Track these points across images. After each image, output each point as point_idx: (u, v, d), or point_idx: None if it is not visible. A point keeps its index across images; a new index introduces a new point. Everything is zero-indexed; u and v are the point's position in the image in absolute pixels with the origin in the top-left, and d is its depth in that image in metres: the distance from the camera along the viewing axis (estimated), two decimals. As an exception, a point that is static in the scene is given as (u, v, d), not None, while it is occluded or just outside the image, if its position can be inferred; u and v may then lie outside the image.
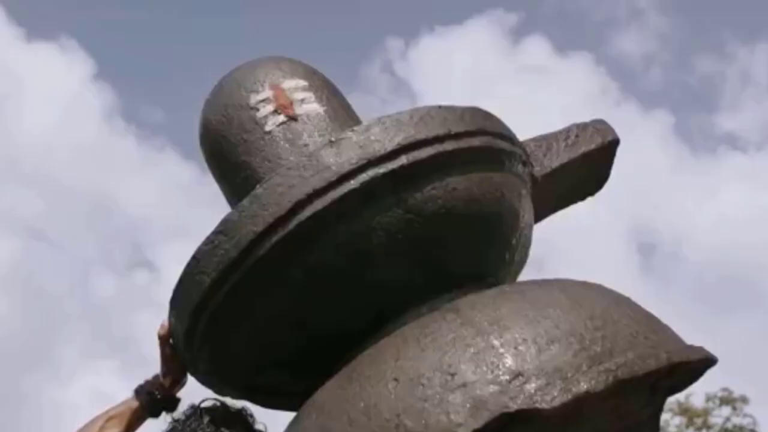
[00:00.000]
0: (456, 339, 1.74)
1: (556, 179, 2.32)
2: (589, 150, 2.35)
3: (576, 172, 2.36)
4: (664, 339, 1.85)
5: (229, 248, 1.90)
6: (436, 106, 2.01)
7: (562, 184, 2.36)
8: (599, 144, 2.36)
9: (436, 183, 1.93)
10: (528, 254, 2.23)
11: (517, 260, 2.16)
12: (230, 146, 2.23)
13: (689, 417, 17.38)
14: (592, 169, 2.41)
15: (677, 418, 17.52)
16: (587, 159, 2.36)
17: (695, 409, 17.39)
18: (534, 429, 1.71)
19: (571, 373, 1.67)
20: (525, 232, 2.17)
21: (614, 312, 1.83)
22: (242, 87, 2.27)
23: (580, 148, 2.34)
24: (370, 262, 1.91)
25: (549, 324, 1.75)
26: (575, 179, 2.40)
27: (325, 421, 1.79)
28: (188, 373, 2.18)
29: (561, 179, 2.33)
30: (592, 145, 2.35)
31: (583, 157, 2.35)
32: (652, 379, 1.77)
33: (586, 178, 2.43)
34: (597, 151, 2.37)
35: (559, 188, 2.36)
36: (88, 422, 2.14)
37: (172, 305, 2.06)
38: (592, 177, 2.45)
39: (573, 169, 2.35)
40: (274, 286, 1.91)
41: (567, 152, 2.32)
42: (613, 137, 2.38)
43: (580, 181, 2.43)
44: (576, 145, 2.34)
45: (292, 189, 1.88)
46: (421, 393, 1.69)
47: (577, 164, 2.34)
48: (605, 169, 2.44)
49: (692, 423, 17.39)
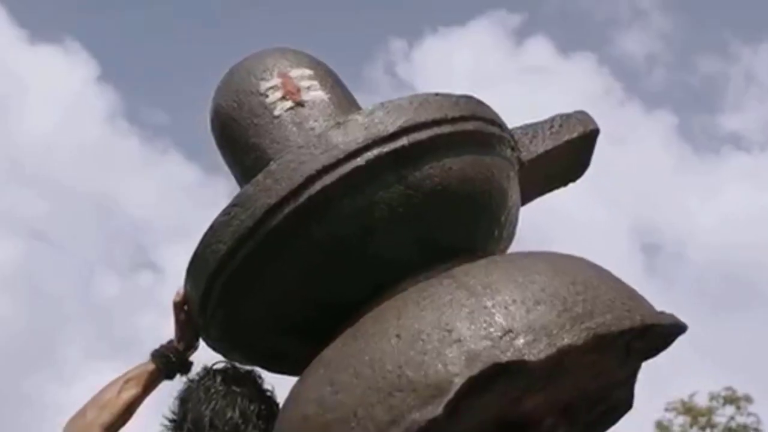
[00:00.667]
0: (452, 300, 1.93)
1: (540, 165, 2.51)
2: (572, 138, 2.54)
3: (559, 159, 2.56)
4: (640, 305, 2.04)
5: (245, 219, 2.08)
6: (434, 93, 2.20)
7: (547, 170, 2.55)
8: (581, 133, 2.56)
9: (433, 162, 2.12)
10: (515, 232, 2.42)
11: (505, 237, 2.35)
12: (241, 129, 2.41)
13: (693, 416, 17.57)
14: (574, 156, 2.61)
15: (681, 417, 17.71)
16: (570, 146, 2.55)
17: (699, 408, 17.60)
18: (522, 380, 1.90)
19: (556, 331, 1.87)
20: (512, 211, 2.36)
21: (594, 280, 2.03)
22: (252, 75, 2.45)
23: (563, 136, 2.54)
24: (372, 234, 2.09)
25: (536, 288, 1.94)
26: (558, 166, 2.59)
27: (332, 374, 1.97)
28: (200, 338, 2.36)
29: (545, 165, 2.53)
30: (575, 134, 2.55)
31: (566, 145, 2.54)
32: (627, 338, 1.96)
33: (568, 165, 2.63)
34: (579, 139, 2.56)
35: (543, 173, 2.56)
36: (108, 384, 2.31)
37: (189, 273, 2.23)
38: (574, 164, 2.64)
39: (556, 155, 2.54)
40: (285, 254, 2.09)
41: (551, 140, 2.52)
42: (594, 127, 2.58)
43: (563, 167, 2.62)
44: (559, 134, 2.54)
45: (302, 165, 2.06)
46: (421, 347, 1.87)
47: (560, 151, 2.54)
48: (586, 156, 2.64)
49: (696, 422, 17.57)
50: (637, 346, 2.05)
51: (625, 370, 2.18)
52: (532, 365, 1.83)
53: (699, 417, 17.55)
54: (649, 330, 1.99)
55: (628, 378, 2.26)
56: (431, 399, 1.81)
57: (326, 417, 1.93)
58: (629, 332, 1.94)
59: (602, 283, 2.03)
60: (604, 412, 2.37)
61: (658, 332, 2.04)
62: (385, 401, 1.85)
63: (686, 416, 17.65)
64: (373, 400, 1.86)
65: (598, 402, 2.29)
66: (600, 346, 1.91)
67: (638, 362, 2.19)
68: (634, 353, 2.09)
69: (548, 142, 2.52)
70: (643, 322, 1.96)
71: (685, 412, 17.63)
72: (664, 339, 2.10)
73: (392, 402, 1.84)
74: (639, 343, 2.04)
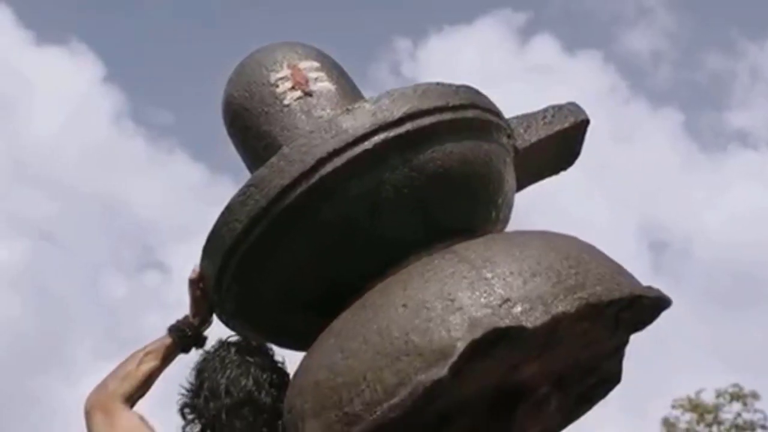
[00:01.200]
0: (454, 273, 2.08)
1: (534, 153, 2.66)
2: (563, 128, 2.70)
3: (552, 148, 2.71)
4: (628, 279, 2.20)
5: (259, 198, 2.22)
6: (435, 83, 2.35)
7: (540, 158, 2.70)
8: (572, 123, 2.72)
9: (435, 147, 2.27)
10: (510, 215, 2.57)
11: (501, 219, 2.50)
12: (252, 118, 2.55)
13: (700, 413, 17.59)
14: (565, 145, 2.76)
15: (688, 414, 17.73)
16: (562, 136, 2.71)
17: (706, 405, 17.64)
18: (519, 347, 2.05)
19: (551, 300, 2.02)
20: (508, 195, 2.51)
21: (586, 256, 2.18)
22: (263, 66, 2.60)
23: (555, 126, 2.69)
24: (379, 213, 2.24)
25: (532, 261, 2.09)
26: (551, 154, 2.74)
27: (342, 342, 2.11)
28: (214, 313, 2.49)
29: (539, 153, 2.68)
30: (566, 124, 2.70)
31: (558, 134, 2.69)
32: (615, 308, 2.12)
33: (560, 153, 2.78)
34: (570, 129, 2.72)
35: (537, 161, 2.71)
36: (128, 358, 2.44)
37: (205, 251, 2.37)
38: (565, 152, 2.80)
39: (549, 144, 2.69)
40: (297, 232, 2.23)
41: (544, 129, 2.67)
42: (584, 117, 2.74)
43: (555, 156, 2.78)
44: (552, 123, 2.69)
45: (314, 148, 2.21)
46: (426, 315, 2.02)
47: (552, 140, 2.69)
48: (577, 145, 2.80)
49: (703, 419, 17.61)
50: (626, 317, 2.20)
51: (614, 341, 2.33)
52: (529, 331, 1.98)
53: (706, 414, 17.58)
54: (637, 301, 2.15)
55: (617, 349, 2.42)
56: (436, 362, 1.96)
57: (337, 381, 2.07)
58: (618, 302, 2.09)
59: (593, 258, 2.18)
60: (594, 384, 2.53)
61: (645, 304, 2.19)
62: (393, 365, 2.00)
63: (693, 413, 17.68)
64: (382, 364, 2.01)
65: (589, 373, 2.45)
66: (591, 314, 2.07)
67: (626, 334, 2.34)
68: (623, 324, 2.24)
69: (541, 131, 2.67)
70: (631, 293, 2.11)
71: (691, 409, 17.66)
72: (650, 311, 2.25)
73: (399, 366, 1.99)
74: (627, 314, 2.19)
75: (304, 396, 2.15)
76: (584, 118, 2.74)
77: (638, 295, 2.13)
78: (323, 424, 2.07)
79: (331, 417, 2.06)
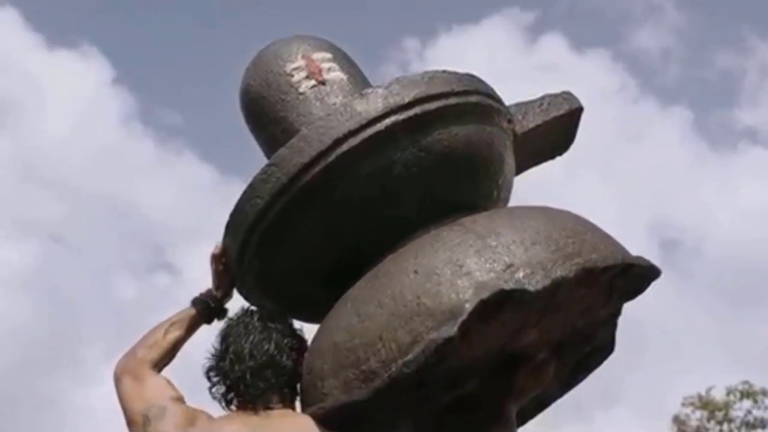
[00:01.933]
0: (462, 242, 2.26)
1: (531, 138, 2.85)
2: (559, 114, 2.89)
3: (548, 133, 2.90)
4: (621, 249, 2.39)
5: (280, 176, 2.41)
6: (441, 70, 2.54)
7: (537, 142, 2.89)
8: (567, 110, 2.91)
9: (441, 129, 2.46)
10: (509, 196, 2.75)
11: (501, 198, 2.68)
12: (270, 105, 2.74)
13: (710, 411, 17.54)
14: (561, 131, 2.95)
15: (698, 411, 17.65)
16: (557, 122, 2.90)
17: (716, 403, 17.58)
18: (521, 310, 2.24)
19: (550, 265, 2.20)
20: (508, 175, 2.70)
21: (582, 228, 2.37)
22: (279, 57, 2.78)
23: (551, 113, 2.89)
24: (390, 190, 2.42)
25: (532, 232, 2.28)
26: (547, 139, 2.93)
27: (358, 307, 2.29)
28: (235, 287, 2.67)
29: (536, 138, 2.87)
30: (561, 111, 2.90)
31: (554, 121, 2.89)
32: (610, 274, 2.30)
33: (556, 139, 2.97)
34: (565, 116, 2.91)
35: (534, 146, 2.90)
36: (154, 327, 2.61)
37: (228, 227, 2.55)
38: (561, 138, 2.99)
39: (545, 130, 2.88)
40: (315, 207, 2.41)
41: (541, 116, 2.87)
42: (578, 105, 2.93)
43: (551, 141, 2.97)
44: (548, 111, 2.89)
45: (331, 130, 2.39)
46: (436, 280, 2.20)
47: (548, 126, 2.88)
48: (572, 132, 2.99)
49: (713, 416, 17.55)
50: (619, 284, 2.39)
51: (609, 309, 2.52)
52: (531, 294, 2.17)
53: (716, 411, 17.53)
54: (629, 269, 2.34)
55: (611, 318, 2.60)
56: (447, 321, 2.14)
57: (354, 342, 2.25)
58: (612, 269, 2.28)
59: (588, 230, 2.37)
60: (590, 352, 2.71)
61: (637, 272, 2.38)
62: (407, 325, 2.18)
63: (703, 411, 17.64)
64: (396, 325, 2.19)
65: (585, 341, 2.64)
66: (587, 280, 2.25)
67: (620, 302, 2.53)
68: (616, 292, 2.43)
69: (538, 117, 2.86)
70: (624, 261, 2.30)
71: (702, 407, 17.62)
72: (641, 280, 2.43)
73: (413, 326, 2.17)
74: (620, 282, 2.38)
75: (323, 357, 2.33)
76: (578, 106, 2.93)
77: (630, 263, 2.31)
78: (342, 381, 2.25)
79: (349, 375, 2.24)
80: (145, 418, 2.40)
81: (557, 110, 2.90)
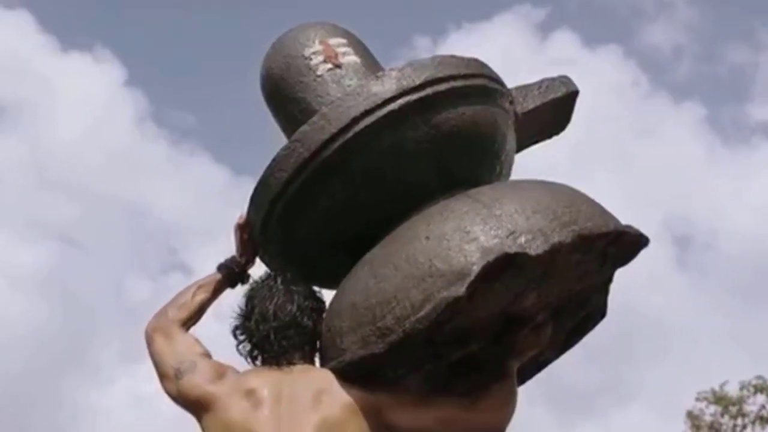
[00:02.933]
0: (469, 211, 2.49)
1: (531, 118, 3.08)
2: (557, 97, 3.11)
3: (546, 114, 3.13)
4: (613, 219, 2.61)
5: (302, 151, 2.62)
6: (450, 55, 2.76)
7: (536, 123, 3.11)
8: (564, 93, 3.13)
9: (450, 109, 2.68)
10: (510, 171, 2.98)
11: (504, 173, 2.91)
12: (289, 87, 2.95)
13: (724, 405, 17.70)
14: (558, 112, 3.18)
15: (712, 407, 17.82)
16: (554, 104, 3.12)
17: (730, 398, 17.76)
18: (523, 274, 2.46)
19: (549, 232, 2.43)
20: (510, 153, 2.92)
21: (578, 200, 2.59)
22: (297, 42, 3.00)
23: (549, 95, 3.11)
24: (403, 164, 2.64)
25: (533, 202, 2.50)
26: (545, 120, 3.16)
27: (375, 269, 2.51)
28: (257, 255, 2.89)
29: (535, 118, 3.09)
30: (559, 93, 3.12)
31: (552, 102, 3.11)
32: (603, 241, 2.53)
33: (553, 119, 3.20)
34: (562, 98, 3.13)
35: (533, 126, 3.12)
36: (183, 290, 2.83)
37: (252, 199, 2.76)
38: (558, 119, 3.21)
39: (544, 111, 3.11)
40: (335, 179, 2.63)
41: (540, 98, 3.09)
42: (574, 88, 3.16)
43: (549, 121, 3.19)
44: (546, 93, 3.11)
45: (349, 109, 2.61)
46: (446, 245, 2.43)
47: (547, 107, 3.11)
48: (568, 113, 3.21)
49: (727, 411, 17.73)
50: (611, 251, 2.62)
51: (602, 275, 2.75)
52: (532, 258, 2.39)
53: (730, 406, 17.72)
54: (621, 237, 2.56)
55: (605, 284, 2.83)
56: (456, 282, 2.36)
57: (371, 301, 2.47)
58: (605, 236, 2.51)
59: (584, 201, 2.60)
60: (584, 317, 2.94)
61: (627, 240, 2.61)
62: (419, 285, 2.40)
63: (717, 406, 17.81)
64: (410, 285, 2.42)
65: (580, 306, 2.86)
66: (583, 246, 2.48)
67: (612, 269, 2.75)
68: (609, 258, 2.65)
69: (537, 99, 3.09)
70: (616, 229, 2.53)
71: (715, 402, 17.80)
72: (631, 247, 2.66)
73: (425, 286, 2.40)
74: (613, 249, 2.60)
75: (341, 316, 2.55)
76: (574, 89, 3.16)
77: (621, 231, 2.54)
78: (359, 337, 2.48)
79: (366, 331, 2.46)
80: (177, 372, 2.62)
81: (555, 93, 3.12)
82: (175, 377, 2.62)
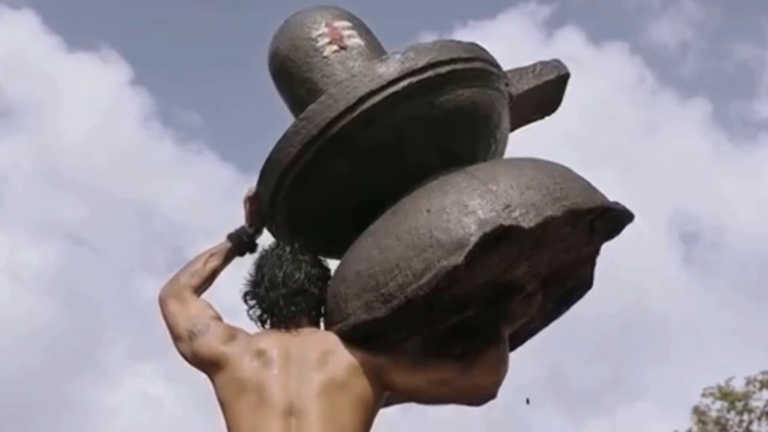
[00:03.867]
0: (467, 186, 2.66)
1: (525, 100, 3.25)
2: (549, 79, 3.29)
3: (539, 96, 3.30)
4: (601, 195, 2.79)
5: (311, 128, 2.79)
6: (449, 40, 2.93)
7: (530, 104, 3.29)
8: (556, 75, 3.31)
9: (450, 90, 2.85)
10: (505, 150, 3.16)
11: (498, 152, 3.08)
12: (296, 67, 3.11)
13: (730, 401, 17.65)
14: (550, 94, 3.35)
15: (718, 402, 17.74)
16: (547, 86, 3.30)
17: (736, 393, 17.68)
18: (516, 244, 2.64)
19: (541, 206, 2.60)
20: (504, 132, 3.10)
21: (568, 176, 2.77)
22: (304, 24, 3.16)
23: (542, 77, 3.28)
24: (405, 142, 2.82)
25: (527, 178, 2.67)
26: (539, 101, 3.33)
27: (378, 240, 2.69)
28: (265, 226, 3.06)
29: (529, 100, 3.27)
30: (551, 76, 3.30)
31: (545, 85, 3.28)
32: (591, 216, 2.71)
33: (546, 101, 3.37)
34: (555, 80, 3.31)
35: (527, 107, 3.29)
36: (195, 258, 3.00)
37: (262, 174, 2.93)
38: (550, 101, 3.39)
39: (537, 93, 3.28)
40: (341, 157, 2.80)
41: (533, 80, 3.26)
42: (566, 71, 3.33)
43: (542, 103, 3.37)
44: (540, 76, 3.28)
45: (355, 89, 2.78)
46: (446, 217, 2.60)
47: (540, 89, 3.28)
48: (560, 95, 3.39)
49: (733, 407, 17.66)
50: (599, 225, 2.80)
51: (590, 248, 2.93)
52: (526, 230, 2.57)
53: (736, 402, 17.65)
54: (607, 212, 2.75)
55: (592, 256, 3.02)
56: (455, 251, 2.54)
57: (374, 269, 2.65)
58: (593, 210, 2.69)
59: (573, 178, 2.77)
60: (571, 288, 3.13)
61: (613, 215, 2.79)
62: (420, 255, 2.58)
63: (723, 401, 17.75)
64: (411, 255, 2.59)
65: (568, 277, 3.05)
66: (572, 219, 2.66)
67: (599, 242, 2.94)
68: (597, 232, 2.83)
69: (531, 81, 3.26)
70: (603, 204, 2.71)
71: (722, 397, 17.74)
72: (617, 221, 2.84)
73: (425, 255, 2.57)
74: (600, 223, 2.78)
75: (346, 283, 2.73)
76: (566, 72, 3.33)
77: (608, 206, 2.73)
78: (363, 302, 2.65)
79: (370, 297, 2.64)
80: (190, 333, 2.79)
81: (548, 76, 3.30)
82: (189, 339, 2.79)
